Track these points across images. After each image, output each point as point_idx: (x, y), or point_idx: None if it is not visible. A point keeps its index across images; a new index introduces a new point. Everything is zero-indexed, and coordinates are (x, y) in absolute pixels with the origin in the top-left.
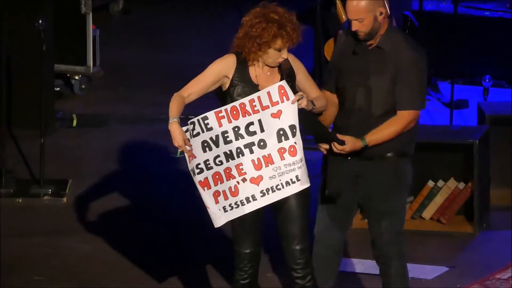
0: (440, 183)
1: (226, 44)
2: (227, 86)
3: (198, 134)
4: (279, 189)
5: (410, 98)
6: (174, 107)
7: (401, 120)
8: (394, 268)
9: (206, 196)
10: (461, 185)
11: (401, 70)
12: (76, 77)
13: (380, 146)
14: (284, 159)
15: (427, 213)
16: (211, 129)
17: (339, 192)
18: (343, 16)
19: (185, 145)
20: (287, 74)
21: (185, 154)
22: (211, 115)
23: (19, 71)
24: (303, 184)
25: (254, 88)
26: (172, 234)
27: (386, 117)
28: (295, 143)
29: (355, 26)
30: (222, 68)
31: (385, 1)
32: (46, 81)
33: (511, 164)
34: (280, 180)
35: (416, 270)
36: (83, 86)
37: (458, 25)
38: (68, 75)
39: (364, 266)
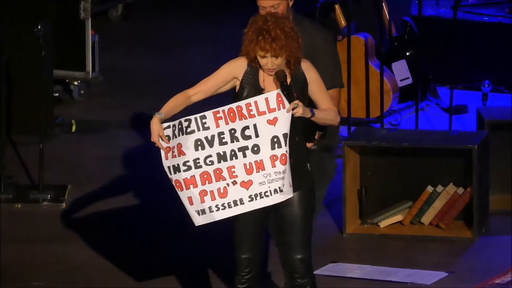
0: (439, 188)
1: (226, 51)
2: (238, 88)
3: (192, 131)
4: (267, 196)
5: (334, 77)
6: (169, 104)
7: (334, 100)
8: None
9: (189, 194)
10: (460, 190)
11: (316, 52)
12: (75, 83)
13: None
14: (275, 166)
15: (426, 218)
16: (207, 128)
17: None
18: (342, 22)
19: (162, 140)
20: (281, 82)
21: (161, 150)
22: (209, 114)
23: (18, 77)
24: (288, 193)
25: (260, 92)
26: (171, 239)
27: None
28: (286, 151)
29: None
30: (232, 69)
31: None
32: (45, 86)
33: (510, 169)
34: (269, 187)
35: (415, 275)
36: (82, 92)
37: (457, 30)
38: (67, 80)
39: (362, 271)
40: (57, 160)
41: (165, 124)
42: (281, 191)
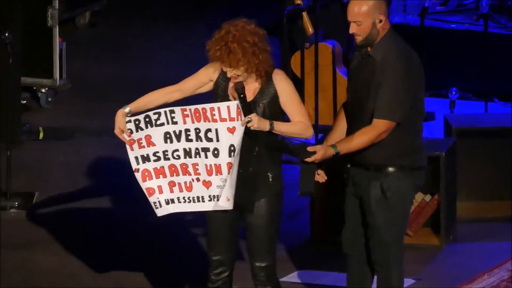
0: None
1: (193, 57)
2: (214, 91)
3: (162, 124)
4: (224, 200)
5: (386, 107)
6: (141, 99)
7: (373, 129)
8: (381, 276)
9: (159, 183)
10: (428, 197)
11: (383, 79)
12: (43, 90)
13: (378, 155)
14: (230, 174)
15: None
16: (176, 123)
17: (310, 192)
18: (310, 29)
19: (123, 133)
20: (238, 94)
21: (126, 143)
22: (177, 110)
23: None
24: (227, 205)
25: (226, 98)
26: (140, 245)
27: None
28: (232, 162)
29: (352, 29)
30: (208, 72)
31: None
32: (12, 94)
33: (477, 176)
34: (225, 191)
35: None
36: (50, 99)
37: (424, 38)
38: (34, 88)
39: (330, 278)
40: (25, 168)
41: (127, 118)
42: (232, 198)
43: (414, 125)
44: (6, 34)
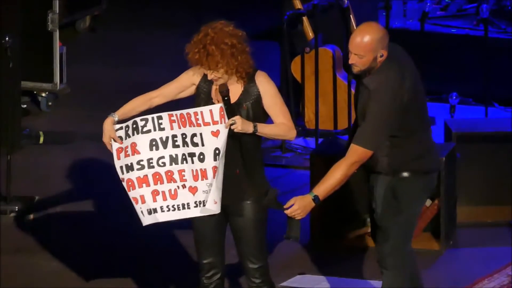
0: None
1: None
2: (196, 95)
3: (148, 131)
4: (212, 203)
5: (363, 134)
6: (126, 106)
7: (344, 161)
8: (385, 278)
9: (142, 192)
10: (428, 202)
11: (368, 108)
12: (43, 94)
13: (389, 162)
14: (215, 177)
15: None
16: (163, 129)
17: (296, 238)
18: (310, 34)
19: (115, 141)
20: (222, 97)
21: (113, 150)
22: (165, 115)
23: None
24: (214, 209)
25: (210, 102)
26: (139, 250)
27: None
28: (217, 165)
29: (352, 60)
30: (191, 76)
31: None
32: (13, 98)
33: (477, 181)
34: (210, 196)
35: None
36: (50, 103)
37: (425, 42)
38: (35, 92)
39: (330, 283)
40: (25, 172)
41: (117, 126)
42: (218, 202)
43: (420, 132)
44: (7, 38)
